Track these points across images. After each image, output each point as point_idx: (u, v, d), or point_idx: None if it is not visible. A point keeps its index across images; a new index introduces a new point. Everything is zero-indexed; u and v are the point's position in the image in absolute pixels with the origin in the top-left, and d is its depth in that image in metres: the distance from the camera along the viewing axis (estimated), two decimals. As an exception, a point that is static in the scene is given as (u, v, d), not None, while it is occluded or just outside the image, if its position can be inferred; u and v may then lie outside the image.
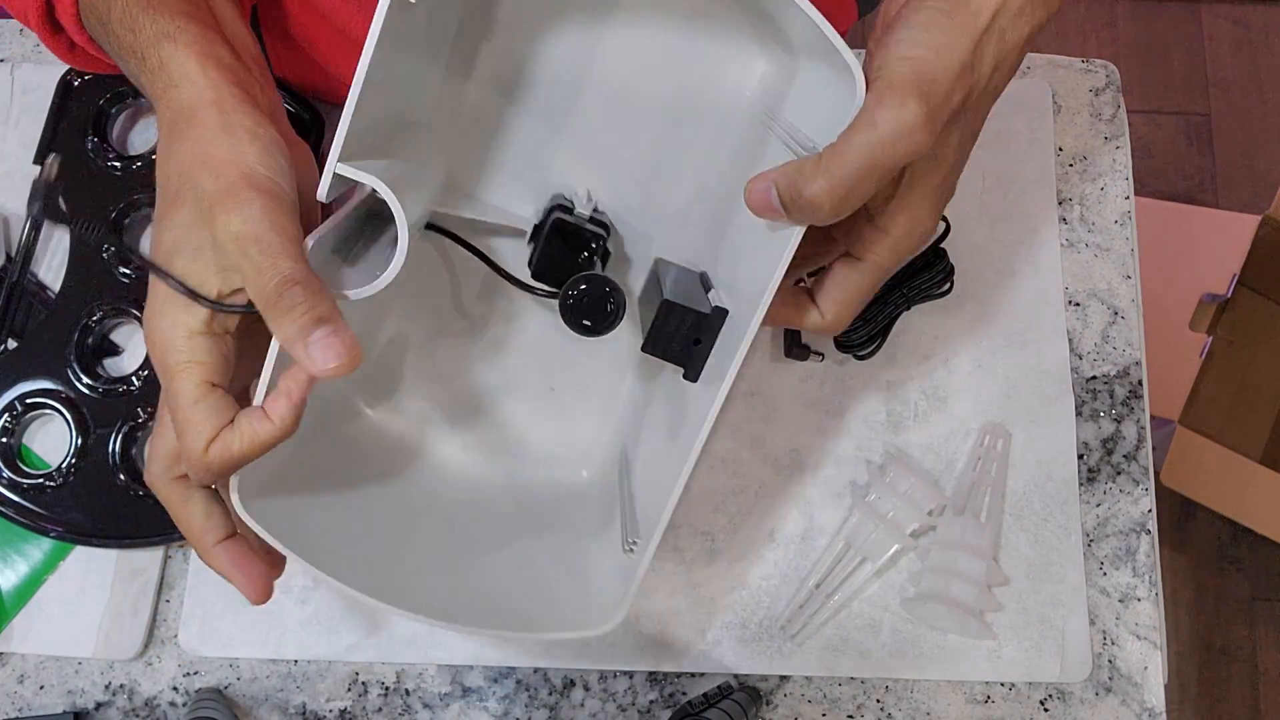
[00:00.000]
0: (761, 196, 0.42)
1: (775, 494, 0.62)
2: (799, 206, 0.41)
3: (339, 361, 0.39)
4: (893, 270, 0.48)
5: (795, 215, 0.42)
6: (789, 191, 0.41)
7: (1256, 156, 1.66)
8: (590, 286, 0.47)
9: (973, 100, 0.43)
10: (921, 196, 0.45)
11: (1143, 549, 0.62)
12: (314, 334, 0.39)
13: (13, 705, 0.60)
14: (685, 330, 0.47)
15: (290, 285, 0.39)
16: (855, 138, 0.40)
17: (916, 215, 0.45)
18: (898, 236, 0.46)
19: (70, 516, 0.60)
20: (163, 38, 0.44)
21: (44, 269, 0.66)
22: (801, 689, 0.60)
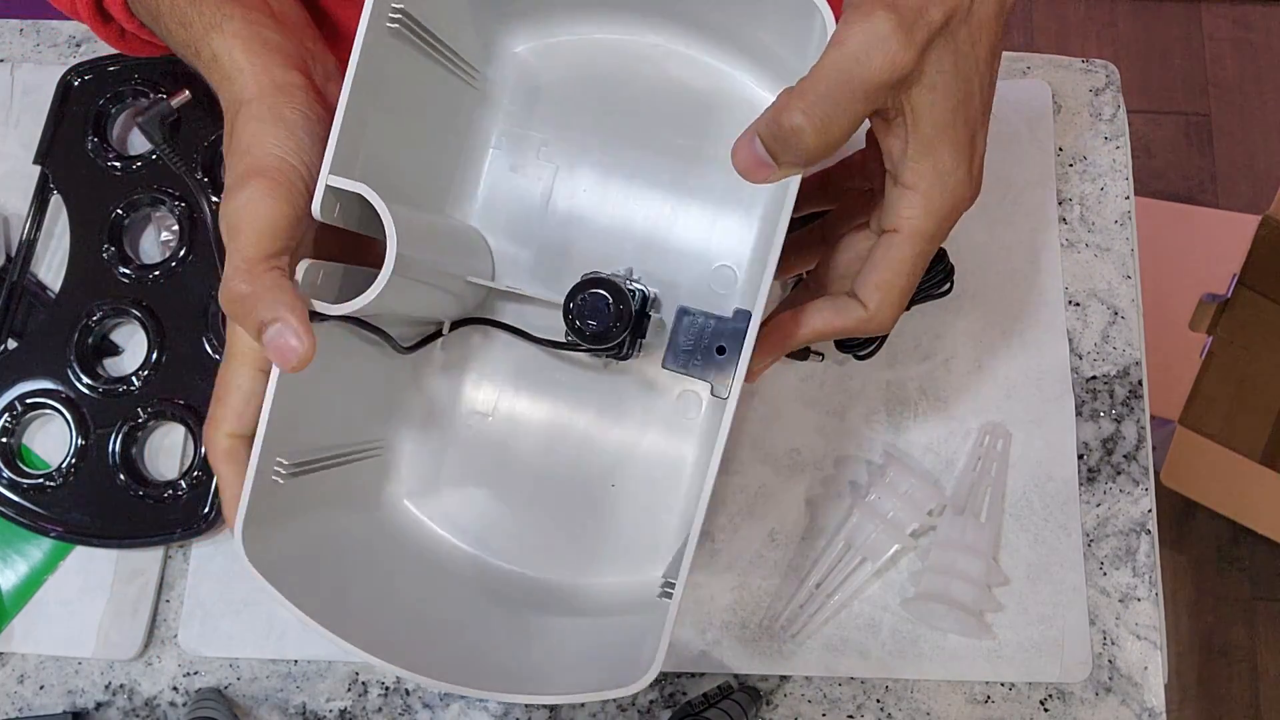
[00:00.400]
0: (746, 152, 0.40)
1: (775, 494, 0.62)
2: (782, 139, 0.39)
3: (286, 364, 0.40)
4: (938, 237, 0.43)
5: (783, 155, 0.39)
6: (769, 129, 0.39)
7: (1256, 156, 1.66)
8: (594, 290, 0.46)
9: (959, 24, 0.40)
10: (936, 135, 0.41)
11: (1143, 549, 0.62)
12: (265, 334, 0.40)
13: (13, 705, 0.60)
14: (707, 338, 0.45)
15: (236, 280, 0.40)
16: (826, 57, 0.38)
17: (939, 161, 0.41)
18: (927, 190, 0.42)
19: (70, 516, 0.60)
20: (211, 29, 0.44)
21: (44, 269, 0.66)
22: (801, 689, 0.60)
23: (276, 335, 0.39)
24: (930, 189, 0.41)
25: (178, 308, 0.63)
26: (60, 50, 0.72)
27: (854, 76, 0.37)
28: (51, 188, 0.66)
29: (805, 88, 0.38)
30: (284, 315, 0.39)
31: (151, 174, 0.66)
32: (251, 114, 0.42)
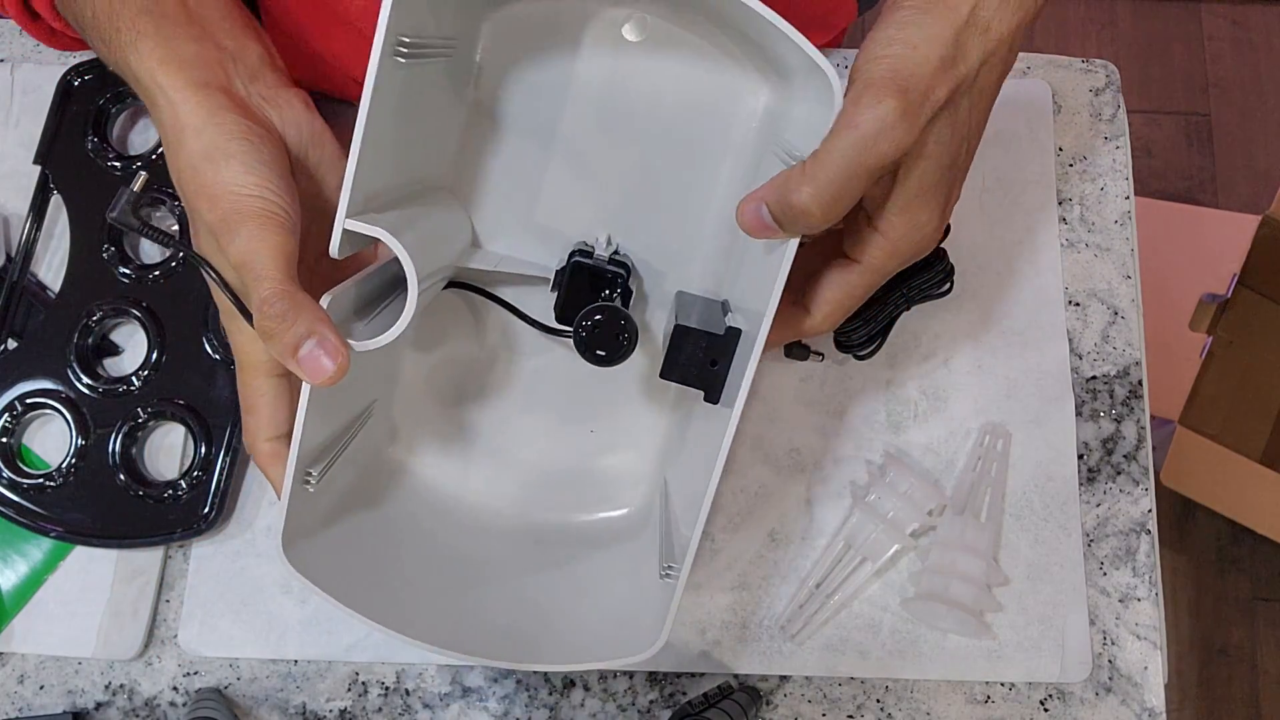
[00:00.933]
0: (753, 216, 0.43)
1: (775, 494, 0.62)
2: (790, 217, 0.41)
3: (326, 374, 0.40)
4: (891, 273, 0.48)
5: (789, 227, 0.42)
6: (778, 204, 0.42)
7: (1256, 156, 1.66)
8: (603, 317, 0.48)
9: (962, 95, 0.42)
10: (917, 197, 0.44)
11: (1143, 549, 0.62)
12: (301, 351, 0.40)
13: (13, 705, 0.60)
14: (701, 353, 0.47)
15: (268, 307, 0.41)
16: (836, 140, 0.40)
17: (915, 217, 0.45)
18: (896, 239, 0.45)
19: (70, 516, 0.60)
20: (128, 48, 0.45)
21: (44, 269, 0.65)
22: (801, 689, 0.60)
23: (311, 350, 0.40)
24: (901, 239, 0.45)
25: (178, 308, 0.63)
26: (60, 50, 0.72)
27: (863, 162, 0.40)
28: (51, 188, 0.66)
29: (814, 170, 0.40)
30: (321, 330, 0.41)
31: (151, 174, 0.65)
32: (199, 158, 0.43)
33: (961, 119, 0.44)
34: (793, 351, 0.64)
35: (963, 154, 0.45)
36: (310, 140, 0.47)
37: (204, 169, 0.43)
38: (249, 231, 0.42)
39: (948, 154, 0.44)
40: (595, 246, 0.53)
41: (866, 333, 0.63)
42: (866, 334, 0.63)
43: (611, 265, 0.51)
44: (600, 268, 0.51)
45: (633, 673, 0.60)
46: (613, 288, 0.51)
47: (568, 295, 0.51)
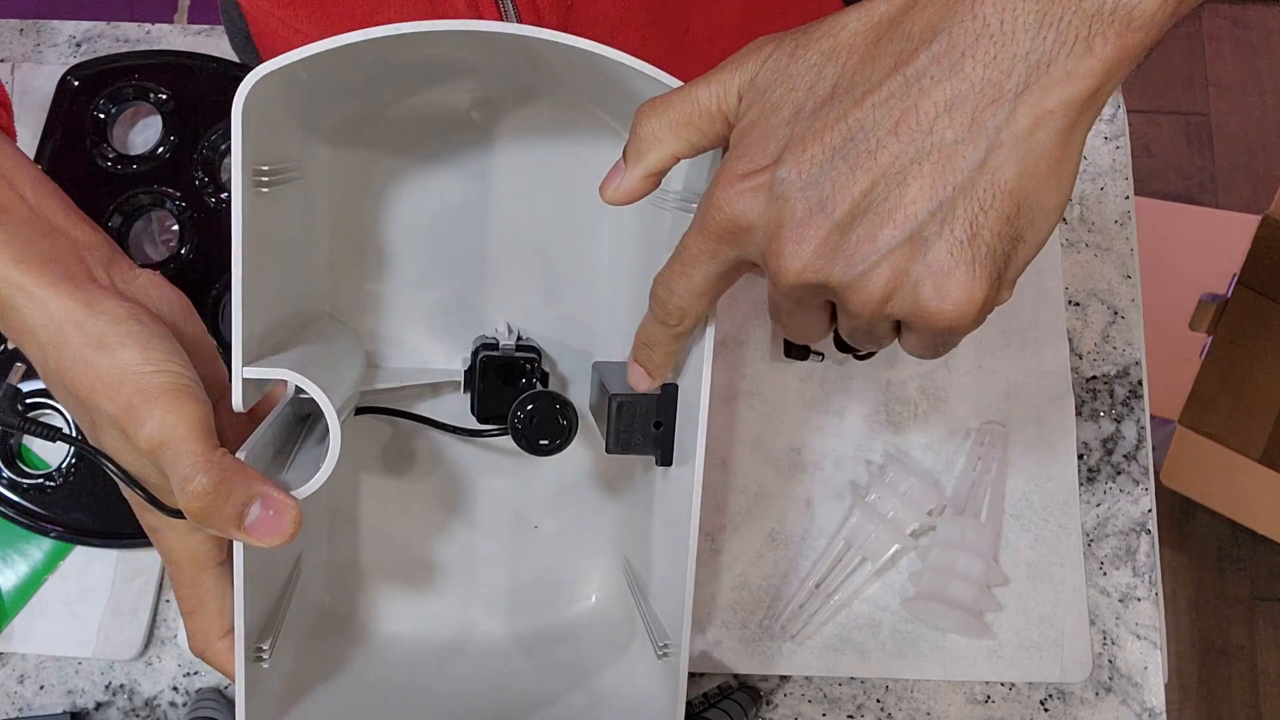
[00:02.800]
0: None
1: (775, 494, 0.62)
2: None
3: (284, 534, 0.38)
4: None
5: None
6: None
7: (1256, 156, 1.66)
8: (536, 405, 0.46)
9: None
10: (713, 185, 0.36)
11: (1143, 549, 0.62)
12: (248, 520, 0.38)
13: (13, 705, 0.60)
14: (641, 418, 0.46)
15: (192, 485, 0.38)
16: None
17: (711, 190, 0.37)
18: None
19: (70, 516, 0.60)
20: None
21: (44, 269, 0.65)
22: (801, 689, 0.60)
23: (259, 515, 0.38)
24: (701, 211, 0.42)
25: (178, 308, 0.63)
26: (60, 50, 0.72)
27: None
28: (51, 188, 0.66)
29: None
30: (261, 490, 0.38)
31: (151, 174, 0.66)
32: (88, 350, 0.40)
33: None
34: (793, 351, 0.64)
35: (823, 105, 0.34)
36: (180, 315, 0.45)
37: (96, 360, 0.39)
38: (161, 410, 0.39)
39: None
40: (498, 337, 0.51)
41: (866, 333, 0.63)
42: (866, 334, 0.63)
43: (520, 352, 0.49)
44: (509, 357, 0.49)
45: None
46: (528, 375, 0.49)
47: (483, 392, 0.49)
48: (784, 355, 0.64)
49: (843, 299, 0.34)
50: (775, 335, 0.65)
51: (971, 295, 0.32)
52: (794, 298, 0.35)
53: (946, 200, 0.31)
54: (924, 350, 0.36)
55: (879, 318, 0.34)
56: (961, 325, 0.33)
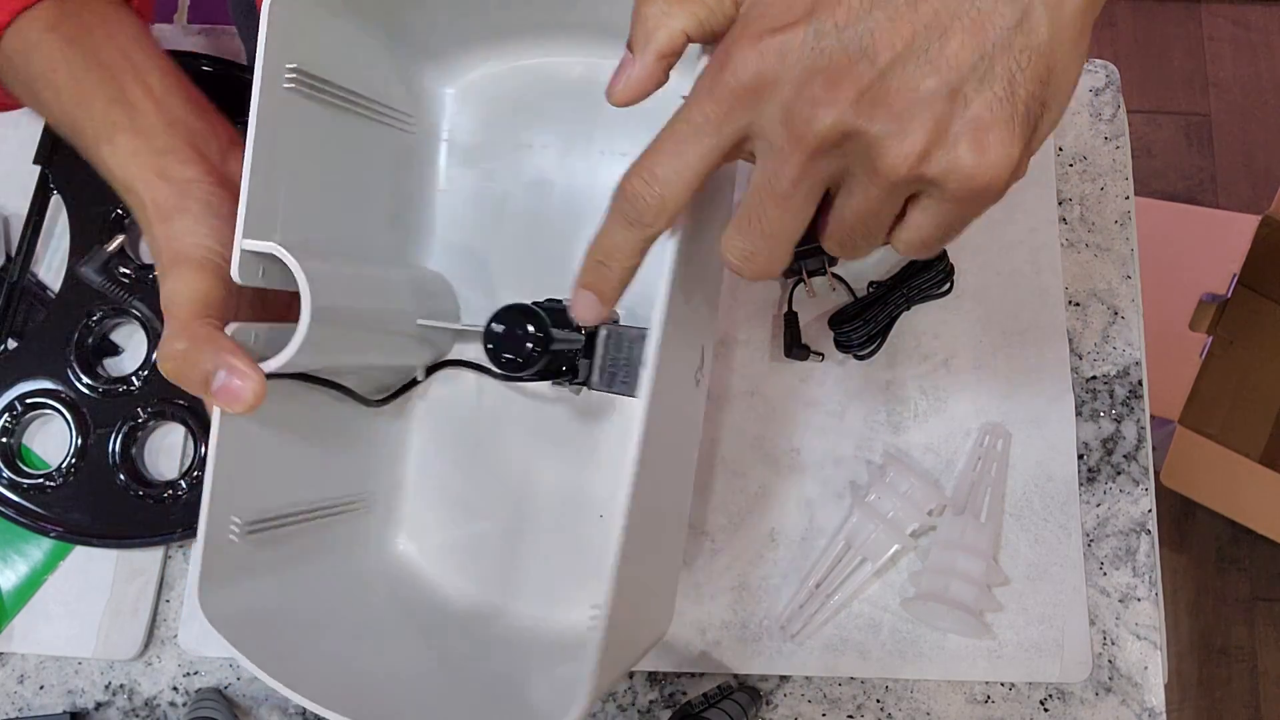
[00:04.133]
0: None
1: (775, 494, 0.62)
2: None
3: (243, 401, 0.41)
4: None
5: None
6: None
7: (1256, 156, 1.66)
8: (506, 318, 0.45)
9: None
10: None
11: (1143, 549, 0.62)
12: (214, 384, 0.41)
13: (13, 705, 0.60)
14: (625, 354, 0.45)
15: (165, 346, 0.41)
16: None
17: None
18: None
19: (70, 516, 0.60)
20: (101, 140, 0.46)
21: (44, 269, 0.66)
22: (801, 689, 0.60)
23: (224, 381, 0.40)
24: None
25: (178, 308, 0.63)
26: (60, 50, 0.72)
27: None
28: (51, 188, 0.66)
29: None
30: (227, 360, 0.40)
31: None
32: (160, 216, 0.44)
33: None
34: (793, 351, 0.64)
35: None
36: None
37: (162, 227, 0.44)
38: (176, 275, 0.42)
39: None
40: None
41: (866, 333, 0.63)
42: (866, 334, 0.63)
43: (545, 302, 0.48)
44: (524, 306, 0.46)
45: (633, 673, 0.60)
46: (541, 324, 0.46)
47: (501, 336, 0.46)
48: (784, 355, 0.64)
49: (875, 155, 0.32)
50: (775, 335, 0.65)
51: (1010, 152, 0.32)
52: (809, 163, 0.33)
53: (987, 55, 0.31)
54: (936, 230, 0.35)
55: (910, 179, 0.33)
56: (995, 186, 0.33)
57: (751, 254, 0.35)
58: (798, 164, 0.33)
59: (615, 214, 0.36)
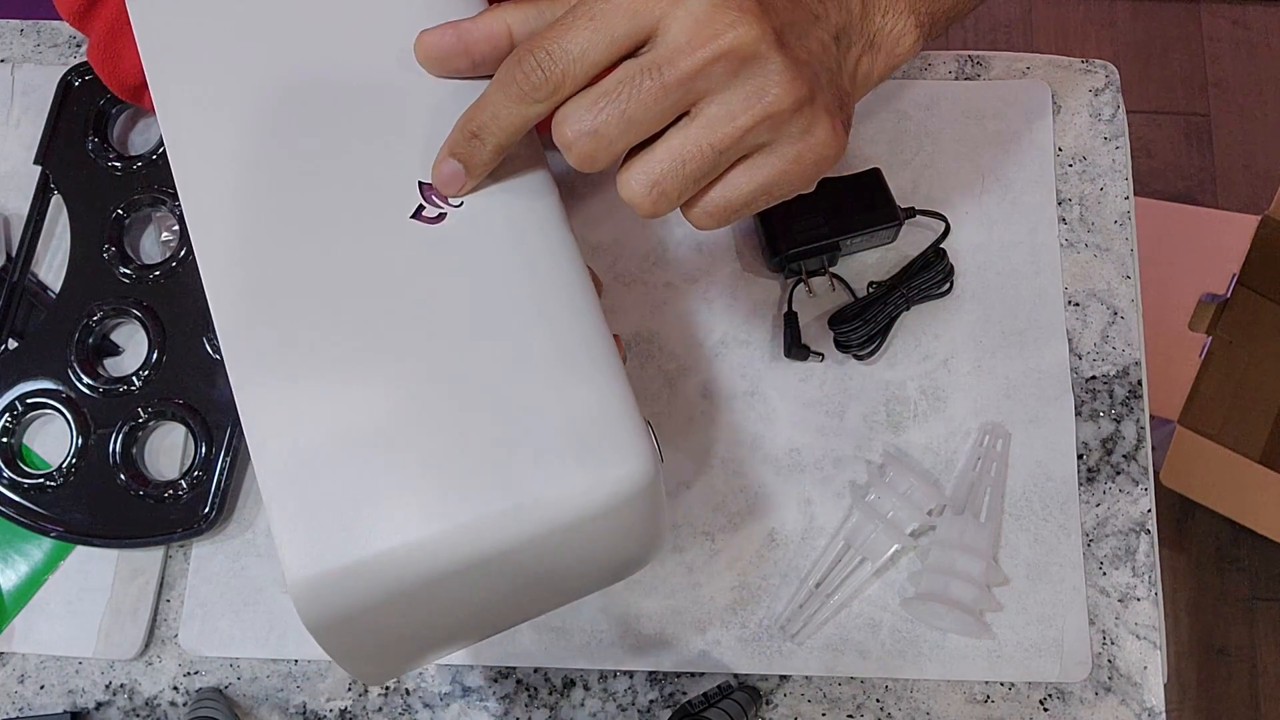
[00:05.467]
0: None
1: (775, 494, 0.63)
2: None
3: None
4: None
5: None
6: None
7: (1256, 156, 1.66)
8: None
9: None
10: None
11: (1142, 549, 0.62)
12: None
13: (13, 705, 0.60)
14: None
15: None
16: None
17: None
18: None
19: (70, 516, 0.60)
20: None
21: (44, 269, 0.66)
22: (801, 689, 0.60)
23: None
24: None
25: (178, 308, 0.63)
26: (60, 50, 0.72)
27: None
28: (51, 188, 0.66)
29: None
30: None
31: (151, 174, 0.66)
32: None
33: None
34: (793, 352, 0.64)
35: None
36: None
37: None
38: None
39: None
40: None
41: (866, 333, 0.63)
42: (866, 334, 0.63)
43: None
44: None
45: (633, 673, 0.60)
46: None
47: None
48: (784, 355, 0.64)
49: (767, 86, 0.36)
50: (775, 335, 0.65)
51: (843, 144, 0.39)
52: (706, 66, 0.34)
53: (833, 59, 0.39)
54: (751, 192, 0.38)
55: (777, 121, 0.36)
56: (826, 163, 0.38)
57: (595, 131, 0.35)
58: (698, 60, 0.34)
59: (504, 83, 0.35)
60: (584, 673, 0.60)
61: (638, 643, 0.60)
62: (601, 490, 0.36)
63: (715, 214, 0.38)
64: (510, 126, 0.36)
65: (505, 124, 0.36)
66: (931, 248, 0.65)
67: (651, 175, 0.36)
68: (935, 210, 0.66)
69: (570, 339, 0.37)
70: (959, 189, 0.68)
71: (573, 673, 0.60)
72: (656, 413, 0.64)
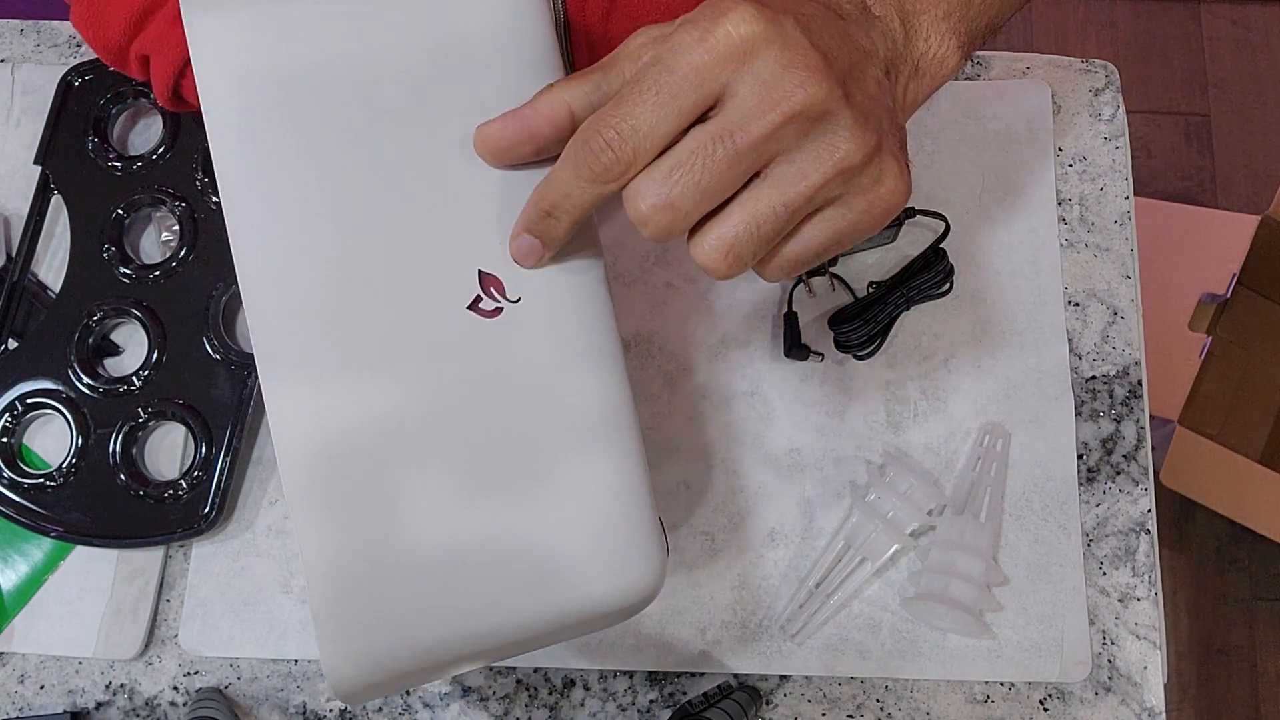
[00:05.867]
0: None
1: (775, 494, 0.62)
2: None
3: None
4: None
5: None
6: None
7: (1256, 156, 1.66)
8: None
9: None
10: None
11: (1142, 549, 0.62)
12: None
13: (13, 705, 0.60)
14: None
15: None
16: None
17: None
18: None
19: (70, 516, 0.60)
20: None
21: (44, 269, 0.66)
22: (801, 689, 0.60)
23: None
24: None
25: (178, 308, 0.63)
26: (60, 50, 0.72)
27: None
28: (51, 188, 0.66)
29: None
30: None
31: (151, 174, 0.66)
32: None
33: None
34: (793, 352, 0.64)
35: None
36: None
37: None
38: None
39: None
40: None
41: (866, 333, 0.63)
42: (866, 334, 0.63)
43: None
44: None
45: (633, 673, 0.60)
46: None
47: None
48: (784, 355, 0.64)
49: (838, 141, 0.35)
50: (775, 335, 0.65)
51: (909, 188, 0.38)
52: (777, 129, 0.34)
53: (888, 106, 0.39)
54: (825, 243, 0.37)
55: (852, 172, 0.36)
56: (895, 210, 0.38)
57: (670, 204, 0.34)
58: (769, 124, 0.34)
59: (575, 163, 0.35)
60: (584, 673, 0.60)
61: (638, 643, 0.60)
62: (618, 597, 0.39)
63: (788, 268, 0.38)
64: (583, 204, 0.36)
65: (578, 203, 0.36)
66: (931, 248, 0.65)
67: (726, 240, 0.36)
68: (935, 210, 0.66)
69: (602, 445, 0.39)
70: (959, 189, 0.68)
71: (573, 673, 0.60)
72: (656, 412, 0.64)
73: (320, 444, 0.38)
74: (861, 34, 0.38)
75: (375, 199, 0.39)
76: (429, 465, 0.39)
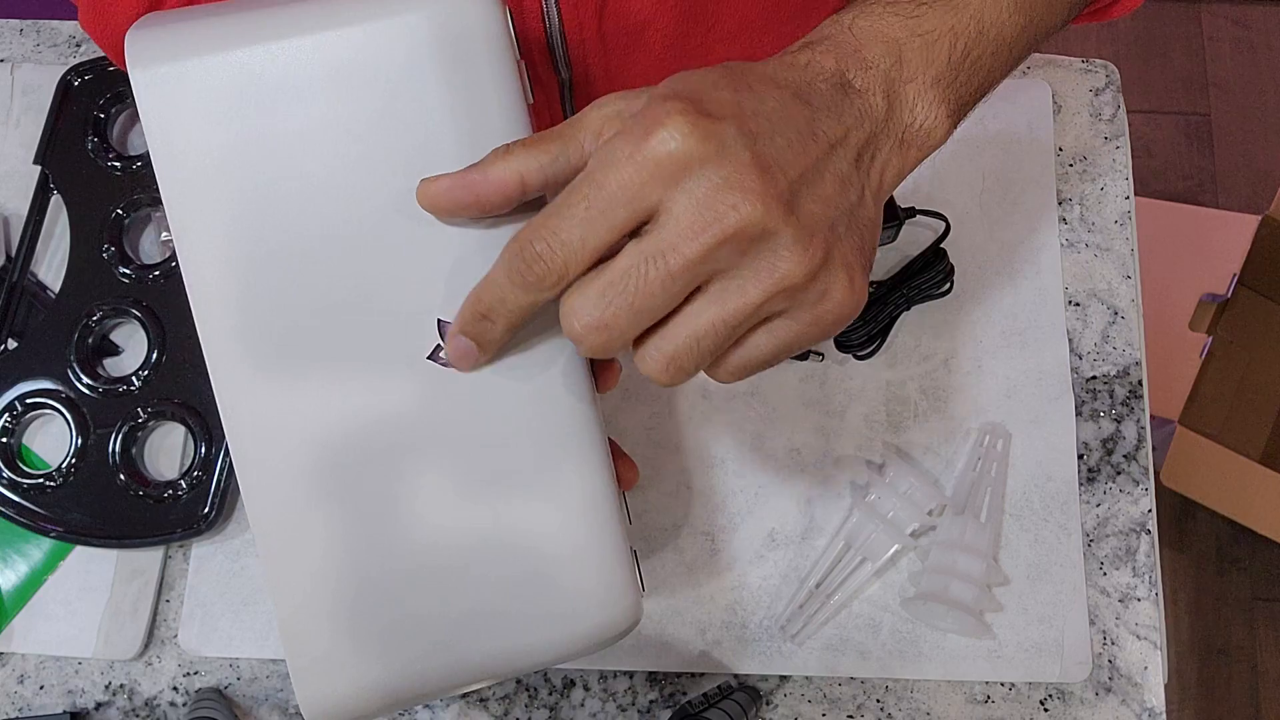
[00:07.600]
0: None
1: (775, 494, 0.62)
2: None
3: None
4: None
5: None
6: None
7: (1256, 156, 1.66)
8: None
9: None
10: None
11: (1143, 549, 0.62)
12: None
13: (13, 705, 0.60)
14: None
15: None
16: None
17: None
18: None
19: (70, 516, 0.60)
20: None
21: (44, 269, 0.66)
22: (801, 689, 0.60)
23: None
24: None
25: (178, 308, 0.63)
26: (60, 50, 0.72)
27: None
28: (51, 188, 0.66)
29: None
30: None
31: (151, 174, 0.65)
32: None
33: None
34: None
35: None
36: None
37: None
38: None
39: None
40: None
41: (866, 333, 0.63)
42: (866, 334, 0.63)
43: None
44: None
45: (633, 673, 0.60)
46: None
47: None
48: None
49: (778, 260, 0.34)
50: (775, 335, 0.65)
51: (863, 297, 0.37)
52: (713, 249, 0.33)
53: (847, 208, 0.37)
54: (772, 352, 0.37)
55: (793, 290, 0.35)
56: (845, 321, 0.37)
57: (604, 325, 0.34)
58: (703, 246, 0.33)
59: (509, 270, 0.35)
60: (584, 673, 0.60)
61: (638, 643, 0.60)
62: (592, 635, 0.40)
63: (736, 373, 0.37)
64: (519, 310, 0.36)
65: (513, 307, 0.35)
66: (931, 248, 0.65)
67: (665, 354, 0.35)
68: (935, 210, 0.66)
69: (570, 487, 0.39)
70: (959, 189, 0.68)
71: (573, 673, 0.60)
72: (656, 413, 0.64)
73: (284, 498, 0.39)
74: (830, 121, 0.36)
75: (332, 251, 0.39)
76: (397, 510, 0.39)
